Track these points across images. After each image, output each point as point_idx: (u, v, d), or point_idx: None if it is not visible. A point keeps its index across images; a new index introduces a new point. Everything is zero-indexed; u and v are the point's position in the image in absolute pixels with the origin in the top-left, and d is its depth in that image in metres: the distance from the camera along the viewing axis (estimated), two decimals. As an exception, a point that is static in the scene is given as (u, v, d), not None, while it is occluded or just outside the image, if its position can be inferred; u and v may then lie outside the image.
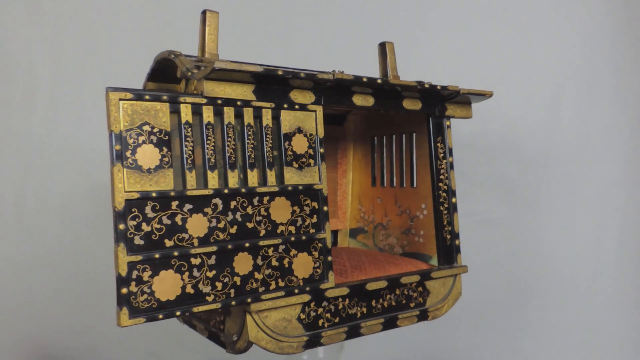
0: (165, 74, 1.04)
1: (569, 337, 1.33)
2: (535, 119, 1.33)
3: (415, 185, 1.23)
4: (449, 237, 1.13)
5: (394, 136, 1.29)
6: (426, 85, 1.02)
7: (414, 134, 1.23)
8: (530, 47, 1.33)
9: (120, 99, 0.74)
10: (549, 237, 1.33)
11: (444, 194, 1.13)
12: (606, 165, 1.29)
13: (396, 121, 1.26)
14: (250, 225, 0.85)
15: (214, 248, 0.81)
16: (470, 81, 1.17)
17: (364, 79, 0.94)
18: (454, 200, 1.14)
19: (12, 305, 1.44)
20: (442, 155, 1.13)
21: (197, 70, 0.85)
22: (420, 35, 1.34)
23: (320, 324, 0.94)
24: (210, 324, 0.99)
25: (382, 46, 1.24)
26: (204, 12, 1.00)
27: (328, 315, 0.95)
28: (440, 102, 1.12)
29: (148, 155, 0.77)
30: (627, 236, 1.30)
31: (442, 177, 1.13)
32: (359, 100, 1.00)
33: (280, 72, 0.84)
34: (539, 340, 1.34)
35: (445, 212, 1.13)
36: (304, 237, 0.90)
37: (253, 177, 0.86)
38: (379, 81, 0.96)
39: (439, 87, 1.04)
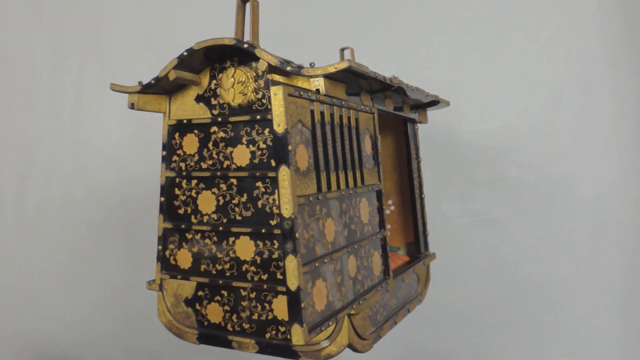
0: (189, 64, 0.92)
1: (569, 337, 1.37)
2: (535, 119, 1.37)
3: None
4: (421, 228, 1.27)
5: (353, 137, 1.36)
6: (429, 94, 1.14)
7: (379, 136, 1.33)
8: (529, 47, 1.36)
9: (289, 95, 0.67)
10: (548, 237, 1.36)
11: (417, 191, 1.26)
12: (606, 165, 1.35)
13: (356, 123, 1.34)
14: (353, 227, 0.85)
15: (342, 253, 0.79)
16: (469, 82, 1.26)
17: (407, 85, 1.01)
18: (423, 195, 1.28)
19: (12, 305, 1.42)
20: (414, 156, 1.26)
21: (297, 66, 0.80)
22: (417, 38, 1.35)
23: (378, 319, 0.98)
24: (266, 337, 0.91)
25: (343, 51, 1.31)
26: (244, 1, 0.92)
27: (380, 309, 0.99)
28: (418, 108, 1.25)
29: (302, 156, 0.71)
30: (627, 236, 1.37)
31: (415, 175, 1.26)
32: (387, 104, 1.06)
33: (376, 74, 0.86)
34: (539, 339, 1.37)
35: (419, 206, 1.26)
36: (378, 236, 0.93)
37: (350, 179, 0.86)
38: (413, 88, 1.04)
39: (433, 96, 1.17)
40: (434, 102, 1.22)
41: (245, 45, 0.84)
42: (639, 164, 1.33)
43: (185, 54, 0.90)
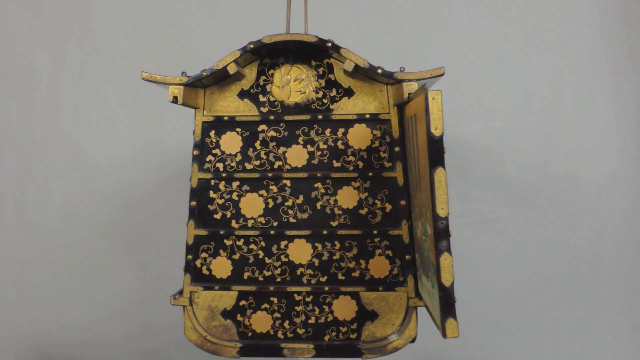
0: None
1: (568, 338, 1.35)
2: (535, 119, 1.33)
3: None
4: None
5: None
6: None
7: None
8: (529, 47, 1.34)
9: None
10: (548, 237, 1.34)
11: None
12: (606, 166, 1.33)
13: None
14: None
15: (433, 248, 0.84)
16: (469, 82, 1.30)
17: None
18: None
19: (11, 304, 1.40)
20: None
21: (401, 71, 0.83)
22: (417, 37, 1.30)
23: (407, 310, 1.04)
24: (325, 339, 0.90)
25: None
26: (290, -5, 0.91)
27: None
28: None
29: (433, 158, 0.74)
30: (627, 236, 1.34)
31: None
32: (394, 106, 1.12)
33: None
34: (539, 340, 1.36)
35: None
36: (417, 232, 0.99)
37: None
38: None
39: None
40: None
41: (329, 44, 0.82)
42: (639, 164, 1.33)
43: (251, 46, 0.83)
